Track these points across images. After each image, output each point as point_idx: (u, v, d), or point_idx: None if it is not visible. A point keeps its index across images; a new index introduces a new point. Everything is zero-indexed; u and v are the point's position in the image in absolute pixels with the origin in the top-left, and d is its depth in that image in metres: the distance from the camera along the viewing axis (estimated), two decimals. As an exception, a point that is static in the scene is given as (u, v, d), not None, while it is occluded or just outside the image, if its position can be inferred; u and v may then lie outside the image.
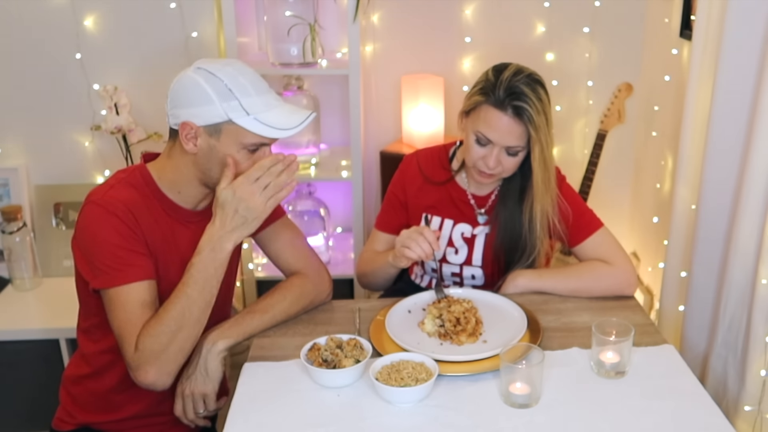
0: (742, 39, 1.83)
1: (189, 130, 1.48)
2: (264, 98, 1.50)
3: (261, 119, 1.48)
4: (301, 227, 1.86)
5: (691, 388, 1.44)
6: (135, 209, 1.51)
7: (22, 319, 2.42)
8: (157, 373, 1.45)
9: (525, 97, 1.65)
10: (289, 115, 1.53)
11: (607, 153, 2.85)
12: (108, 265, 1.47)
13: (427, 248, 1.65)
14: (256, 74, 1.53)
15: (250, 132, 1.48)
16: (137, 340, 1.44)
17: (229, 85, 1.46)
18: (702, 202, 2.02)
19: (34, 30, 2.55)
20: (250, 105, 1.47)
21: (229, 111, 1.46)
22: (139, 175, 1.57)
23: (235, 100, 1.46)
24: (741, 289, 1.91)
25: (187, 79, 1.48)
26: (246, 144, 1.49)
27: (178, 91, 1.49)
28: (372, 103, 2.88)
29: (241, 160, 1.51)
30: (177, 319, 1.45)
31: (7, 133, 2.66)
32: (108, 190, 1.53)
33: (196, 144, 1.50)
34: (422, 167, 1.92)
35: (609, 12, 2.79)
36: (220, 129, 1.48)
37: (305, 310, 1.72)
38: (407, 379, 1.40)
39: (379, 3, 2.77)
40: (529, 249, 1.82)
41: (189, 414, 1.55)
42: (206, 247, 1.49)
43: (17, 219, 2.50)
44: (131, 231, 1.49)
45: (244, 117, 1.47)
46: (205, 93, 1.45)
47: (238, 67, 1.50)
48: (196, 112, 1.47)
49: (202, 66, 1.49)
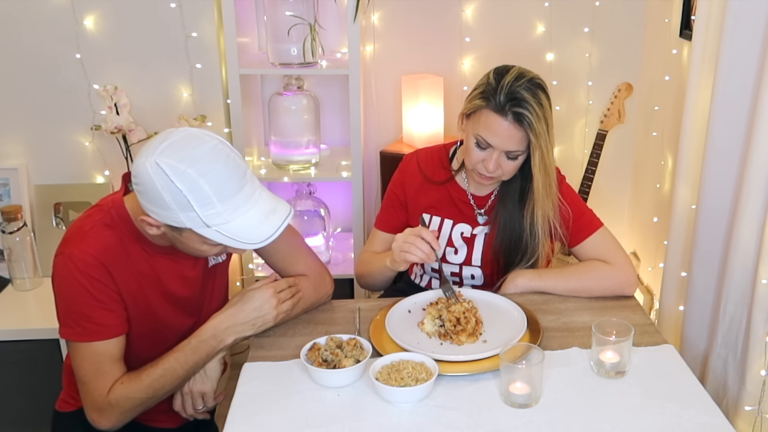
0: (742, 39, 1.83)
1: (150, 221, 1.40)
2: (230, 204, 1.35)
3: (223, 231, 1.36)
4: (301, 227, 1.86)
5: (691, 388, 1.44)
6: (108, 260, 1.47)
7: (22, 319, 2.42)
8: (115, 424, 1.49)
9: (526, 103, 1.64)
10: (260, 223, 1.39)
11: (607, 153, 2.85)
12: (75, 321, 1.46)
13: (427, 249, 1.65)
14: (228, 168, 1.35)
15: (212, 241, 1.39)
16: (110, 392, 1.46)
17: (188, 196, 1.31)
18: (702, 202, 2.02)
19: (34, 30, 2.54)
20: (210, 217, 1.34)
21: (187, 221, 1.35)
22: (115, 213, 1.50)
23: (194, 212, 1.33)
24: (741, 289, 1.91)
25: (146, 176, 1.33)
26: (212, 244, 1.42)
27: (140, 183, 1.36)
28: (372, 103, 2.88)
29: (207, 249, 1.45)
30: (156, 390, 1.48)
31: (7, 133, 2.66)
32: (81, 240, 1.46)
33: (159, 229, 1.42)
34: (422, 167, 1.92)
35: (609, 12, 2.79)
36: (181, 230, 1.39)
37: (306, 312, 1.72)
38: (407, 379, 1.40)
39: (379, 3, 2.77)
40: (530, 252, 1.82)
41: (188, 410, 1.58)
42: (209, 333, 1.51)
43: (17, 219, 2.50)
44: (103, 287, 1.46)
45: (203, 228, 1.36)
46: (163, 200, 1.33)
47: (203, 167, 1.32)
48: (155, 211, 1.37)
49: (162, 165, 1.31)
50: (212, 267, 1.66)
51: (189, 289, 1.62)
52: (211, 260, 1.66)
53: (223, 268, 1.72)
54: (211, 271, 1.67)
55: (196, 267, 1.62)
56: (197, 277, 1.63)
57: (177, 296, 1.60)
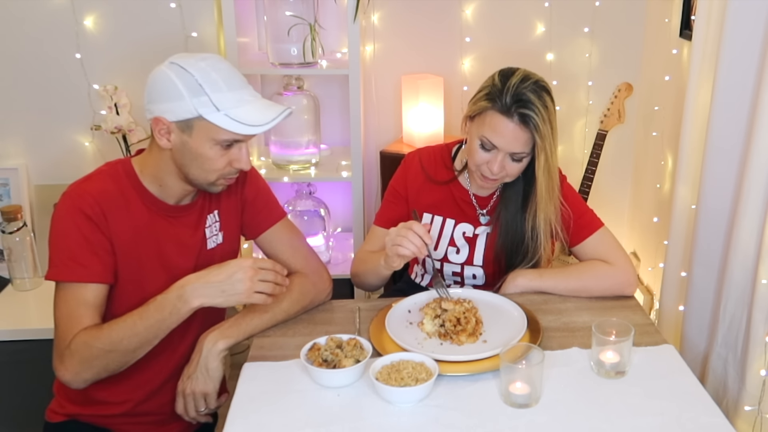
0: (742, 39, 1.83)
1: (162, 126, 1.48)
2: (237, 94, 1.48)
3: (231, 115, 1.46)
4: (301, 227, 1.86)
5: (691, 388, 1.44)
6: (106, 202, 1.51)
7: (22, 319, 2.42)
8: (74, 375, 1.48)
9: (532, 105, 1.64)
10: (263, 111, 1.50)
11: (607, 153, 2.85)
12: (61, 259, 1.49)
13: (419, 243, 1.61)
14: (233, 69, 1.51)
15: (221, 128, 1.46)
16: (73, 338, 1.46)
17: (200, 81, 1.44)
18: (702, 202, 2.02)
19: (34, 30, 2.55)
20: (220, 101, 1.45)
21: (198, 106, 1.44)
22: (121, 168, 1.57)
23: (205, 95, 1.44)
24: (741, 289, 1.91)
25: (160, 74, 1.47)
26: (218, 140, 1.49)
27: (152, 85, 1.48)
28: (372, 103, 2.88)
29: (214, 156, 1.50)
30: (114, 342, 1.46)
31: (7, 133, 2.66)
32: (84, 182, 1.54)
33: (169, 139, 1.50)
34: (425, 166, 1.92)
35: (609, 12, 2.80)
36: (191, 125, 1.47)
37: (305, 310, 1.72)
38: (407, 379, 1.40)
39: (379, 3, 2.77)
40: (531, 254, 1.82)
41: (190, 412, 1.57)
42: (175, 291, 1.48)
43: (17, 219, 2.50)
44: (95, 228, 1.49)
45: (214, 113, 1.45)
46: (176, 88, 1.44)
47: (211, 62, 1.48)
48: (167, 108, 1.46)
49: (176, 61, 1.48)
50: (210, 249, 1.67)
51: (183, 257, 1.62)
52: (210, 242, 1.66)
53: (222, 258, 1.68)
54: (210, 254, 1.67)
55: (195, 236, 1.63)
56: (194, 246, 1.63)
57: (170, 261, 1.60)
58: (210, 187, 1.57)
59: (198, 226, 1.64)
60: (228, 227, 1.71)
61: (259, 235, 1.75)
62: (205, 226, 1.66)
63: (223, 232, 1.70)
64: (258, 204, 1.74)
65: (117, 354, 1.47)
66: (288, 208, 2.76)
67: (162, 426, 1.68)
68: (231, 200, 1.70)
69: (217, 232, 1.68)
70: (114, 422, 1.66)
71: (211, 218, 1.67)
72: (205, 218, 1.66)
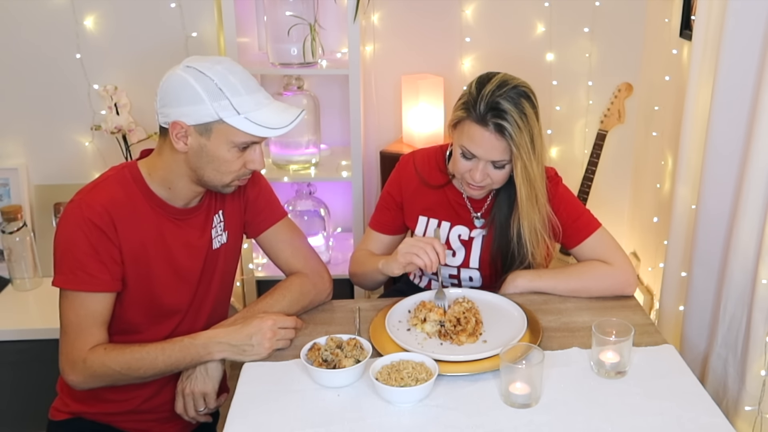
0: (742, 39, 1.82)
1: (179, 130, 1.48)
2: (254, 97, 1.49)
3: (252, 118, 1.47)
4: (301, 227, 1.86)
5: (691, 388, 1.44)
6: (116, 211, 1.51)
7: (22, 319, 2.42)
8: (82, 383, 1.52)
9: (506, 114, 1.62)
10: (280, 113, 1.52)
11: (607, 153, 2.85)
12: (69, 268, 1.49)
13: (434, 259, 1.64)
14: (246, 72, 1.52)
15: (241, 131, 1.48)
16: (90, 353, 1.49)
17: (219, 84, 1.45)
18: (702, 202, 2.02)
19: (34, 30, 2.55)
20: (240, 104, 1.46)
21: (219, 110, 1.45)
22: (128, 172, 1.57)
23: (226, 99, 1.45)
24: (741, 289, 1.91)
25: (177, 78, 1.47)
26: (237, 143, 1.50)
27: (168, 89, 1.48)
28: (372, 103, 2.88)
29: (231, 158, 1.51)
30: (132, 369, 1.50)
31: (7, 133, 2.66)
32: (92, 189, 1.54)
33: (186, 143, 1.50)
34: (419, 169, 1.91)
35: (609, 12, 2.79)
36: (210, 128, 1.48)
37: (305, 310, 1.72)
38: (407, 379, 1.40)
39: (379, 3, 2.77)
40: (519, 259, 1.82)
41: (190, 412, 1.58)
42: (202, 339, 1.54)
43: (17, 219, 2.50)
44: (103, 238, 1.50)
45: (234, 116, 1.46)
46: (196, 92, 1.45)
47: (227, 65, 1.50)
48: (186, 111, 1.46)
49: (192, 65, 1.48)
50: (215, 249, 1.68)
51: (191, 259, 1.63)
52: (216, 242, 1.67)
53: (226, 256, 1.71)
54: (215, 254, 1.68)
55: (202, 237, 1.64)
56: (202, 247, 1.64)
57: (179, 264, 1.61)
58: (224, 188, 1.58)
59: (205, 228, 1.65)
60: (232, 227, 1.71)
61: (260, 233, 1.76)
62: (212, 226, 1.66)
63: (227, 231, 1.70)
64: (260, 203, 1.74)
65: (130, 378, 1.53)
66: (288, 208, 2.76)
67: (165, 423, 1.69)
68: (235, 200, 1.70)
69: (221, 232, 1.69)
70: (119, 419, 1.66)
71: (216, 219, 1.67)
72: (212, 219, 1.66)
